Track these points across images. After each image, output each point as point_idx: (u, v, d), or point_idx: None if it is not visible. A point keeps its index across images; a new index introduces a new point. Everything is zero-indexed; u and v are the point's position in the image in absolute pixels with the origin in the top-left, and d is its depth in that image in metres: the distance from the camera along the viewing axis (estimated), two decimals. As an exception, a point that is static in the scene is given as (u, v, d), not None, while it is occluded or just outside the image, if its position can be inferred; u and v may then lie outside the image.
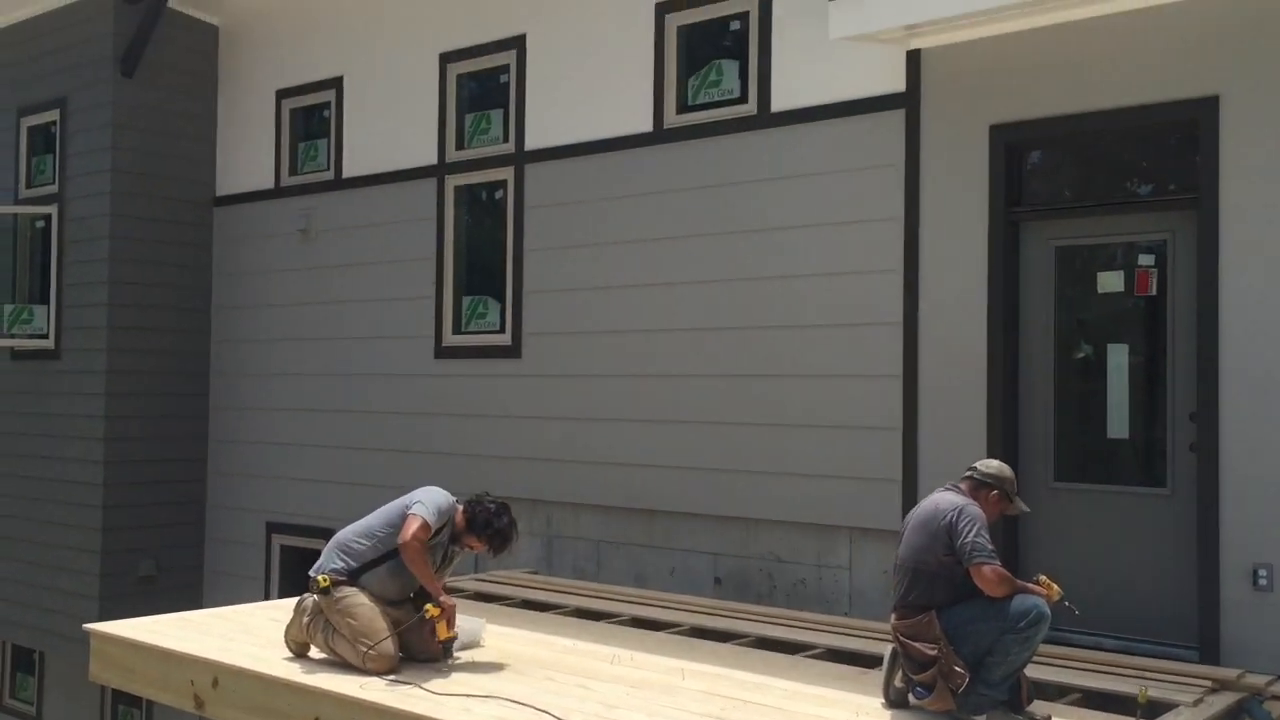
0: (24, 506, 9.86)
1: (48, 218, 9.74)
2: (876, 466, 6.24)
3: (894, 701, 4.28)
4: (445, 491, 5.02)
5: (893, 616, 4.23)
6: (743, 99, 6.94)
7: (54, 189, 9.80)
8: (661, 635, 5.60)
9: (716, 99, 7.08)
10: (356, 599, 4.81)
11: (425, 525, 4.79)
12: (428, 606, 4.77)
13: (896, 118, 6.27)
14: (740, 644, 5.45)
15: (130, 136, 9.42)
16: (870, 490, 6.25)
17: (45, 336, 9.68)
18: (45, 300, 9.72)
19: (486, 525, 4.90)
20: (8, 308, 9.99)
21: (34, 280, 9.99)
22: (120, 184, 9.35)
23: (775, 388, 6.66)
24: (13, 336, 9.91)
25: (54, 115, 9.82)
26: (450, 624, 4.80)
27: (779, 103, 6.74)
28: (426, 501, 4.89)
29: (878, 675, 4.39)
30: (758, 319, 6.74)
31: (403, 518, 4.85)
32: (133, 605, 8.70)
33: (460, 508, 4.99)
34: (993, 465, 4.37)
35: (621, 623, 5.89)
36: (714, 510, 6.87)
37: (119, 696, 10.38)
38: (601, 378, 7.45)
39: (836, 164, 6.49)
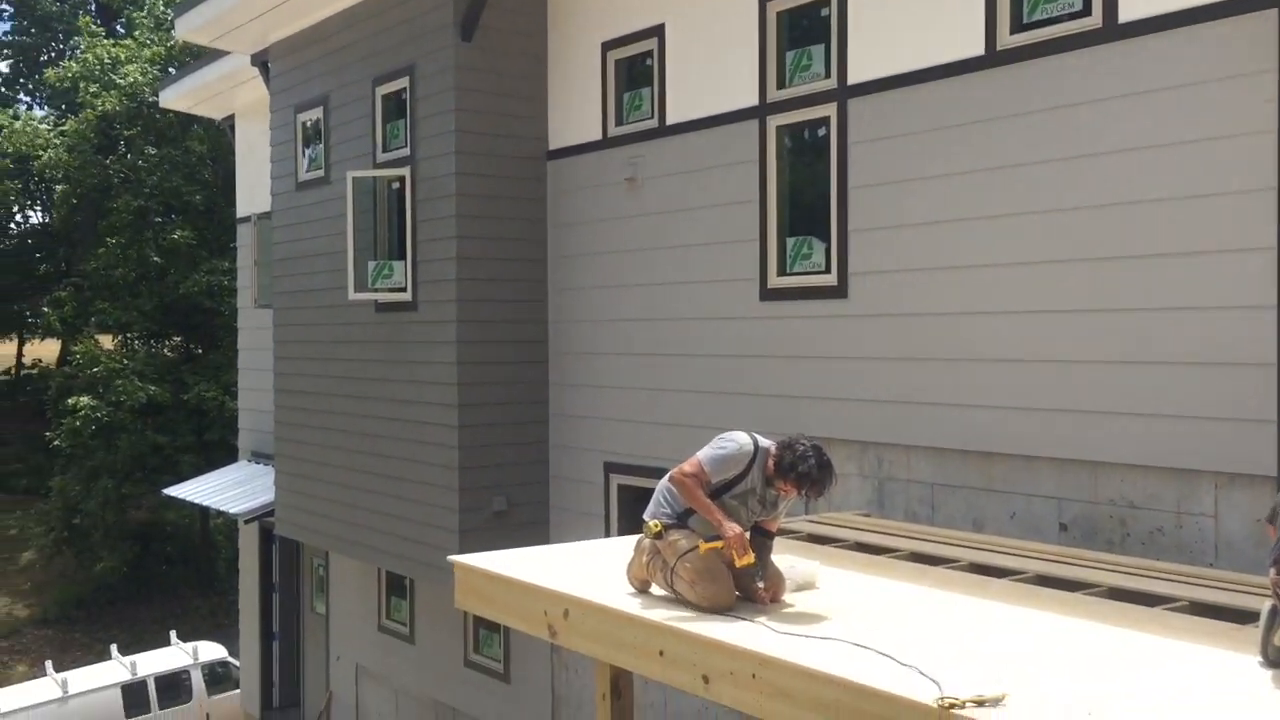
0: (390, 446, 10.79)
1: (402, 179, 10.52)
2: (1245, 406, 5.69)
3: (1273, 661, 3.91)
4: (747, 436, 4.97)
5: (1272, 571, 3.85)
6: (1085, 11, 6.44)
7: (406, 152, 10.56)
8: (1004, 582, 5.38)
9: (1054, 14, 6.61)
10: (687, 541, 4.92)
11: (698, 465, 4.88)
12: (700, 540, 4.81)
13: (1265, 19, 5.61)
14: (1091, 594, 5.15)
15: (471, 98, 9.98)
16: (1239, 432, 5.71)
17: (403, 290, 10.49)
18: (402, 256, 10.53)
19: (791, 469, 4.82)
20: (371, 264, 10.90)
21: (392, 237, 10.84)
22: (463, 144, 9.95)
23: (1126, 322, 6.20)
24: (376, 290, 10.81)
25: (404, 83, 10.56)
26: (740, 553, 4.77)
27: (1126, 13, 6.20)
28: (714, 446, 4.96)
29: (1253, 632, 4.03)
30: (1104, 249, 6.28)
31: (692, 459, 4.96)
32: (487, 538, 9.38)
33: (772, 450, 4.95)
34: None
35: (960, 568, 5.71)
36: (1058, 453, 6.51)
37: (480, 621, 11.25)
38: (933, 316, 7.21)
39: (1194, 75, 5.91)
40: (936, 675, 3.72)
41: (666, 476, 5.15)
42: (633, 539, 5.43)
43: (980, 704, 3.44)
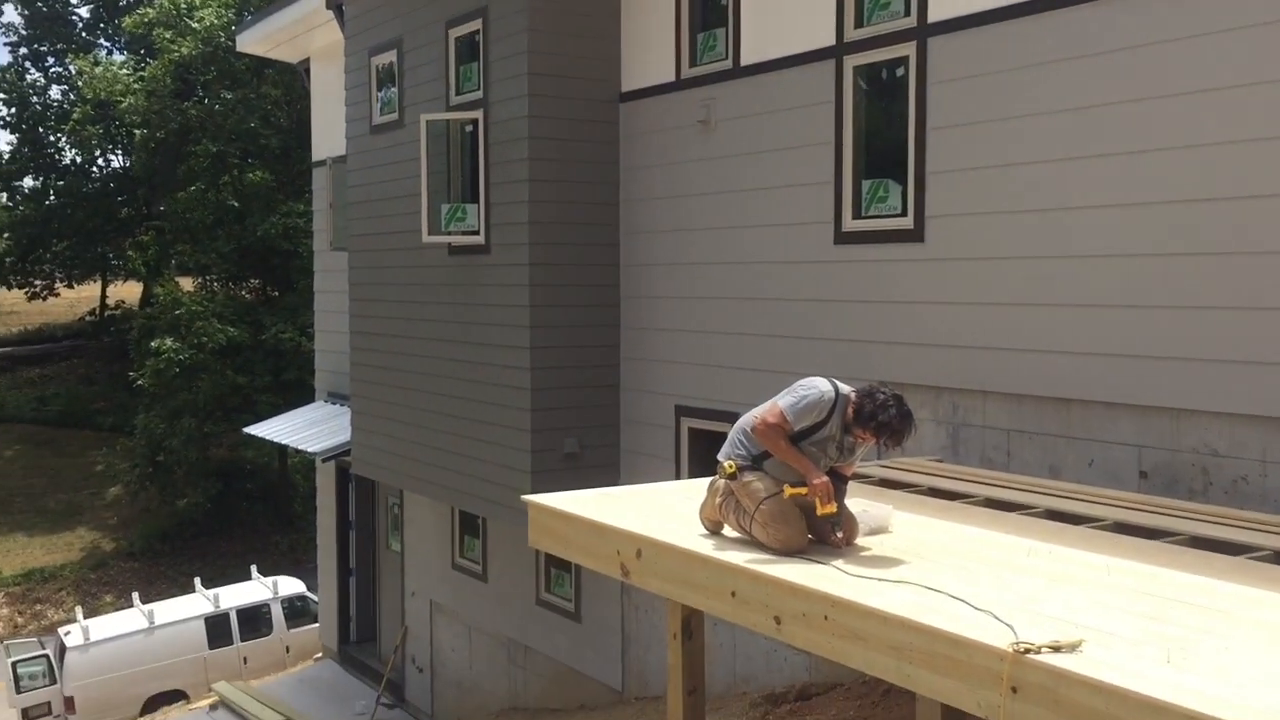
0: (464, 387, 10.92)
1: (475, 122, 10.53)
2: (1337, 353, 5.53)
3: (1361, 614, 3.83)
4: (828, 383, 4.96)
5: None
6: (1178, -56, 6.21)
7: (479, 95, 10.56)
8: (1081, 529, 5.31)
9: (1146, -53, 6.38)
10: (761, 483, 4.93)
11: (780, 413, 4.86)
12: (786, 485, 4.82)
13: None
14: (1172, 542, 5.07)
15: (544, 40, 9.94)
16: (1329, 380, 5.56)
17: (476, 233, 10.55)
18: (475, 199, 10.58)
19: (872, 418, 4.81)
20: (445, 207, 10.97)
21: (465, 180, 10.89)
22: (536, 86, 9.92)
23: (1211, 266, 6.04)
24: (449, 233, 10.89)
25: (476, 24, 10.53)
26: (824, 501, 4.78)
27: (1223, -56, 5.97)
28: (796, 393, 4.94)
29: (1340, 584, 3.95)
30: (1190, 191, 6.11)
31: (772, 406, 4.95)
32: (559, 480, 9.47)
33: (852, 398, 4.93)
34: None
35: (1036, 514, 5.65)
36: (1138, 399, 6.39)
37: (550, 560, 11.42)
38: (1012, 260, 7.08)
39: (1294, 9, 5.69)
40: (1010, 620, 3.70)
41: (742, 420, 5.16)
42: (704, 482, 5.46)
43: (1056, 649, 3.42)
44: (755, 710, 7.87)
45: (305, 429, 15.58)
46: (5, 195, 41.25)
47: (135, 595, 19.96)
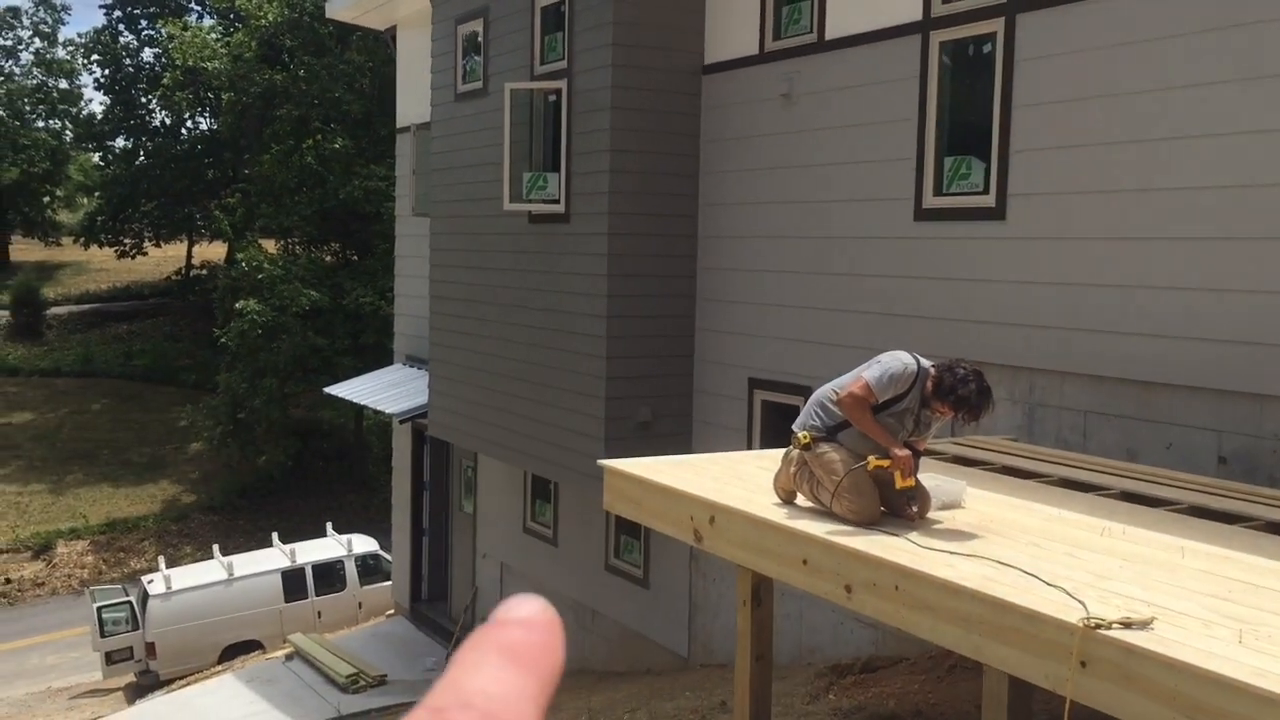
0: (541, 354, 11.08)
1: (558, 92, 10.63)
2: None
3: None
4: (910, 357, 5.01)
5: None
6: (1279, -79, 6.09)
7: (563, 65, 10.66)
8: (1157, 512, 5.31)
9: (1246, -76, 6.26)
10: (836, 454, 5.00)
11: (865, 385, 4.92)
12: (870, 458, 4.87)
13: None
14: (1248, 527, 5.05)
15: (629, 11, 9.99)
16: None
17: (556, 201, 10.67)
18: (556, 168, 10.69)
19: (951, 392, 4.85)
20: (526, 175, 11.10)
21: (547, 150, 11.01)
22: (620, 57, 9.99)
23: (1303, 252, 5.94)
24: (530, 201, 11.02)
25: (562, -5, 10.62)
26: (905, 474, 4.84)
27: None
28: (881, 365, 4.99)
29: None
30: (1275, 175, 6.02)
31: (856, 378, 4.98)
32: (631, 448, 9.59)
33: (932, 372, 4.97)
34: None
35: (1111, 496, 5.64)
36: (1220, 384, 6.33)
37: (620, 527, 11.57)
38: (1096, 240, 7.03)
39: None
40: (1082, 596, 3.74)
41: (819, 392, 5.22)
42: (778, 451, 5.53)
43: (1127, 625, 3.46)
44: (821, 680, 7.96)
45: (383, 391, 15.89)
46: (98, 155, 42.40)
47: (215, 547, 20.53)
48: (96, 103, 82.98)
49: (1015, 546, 4.55)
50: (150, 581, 18.48)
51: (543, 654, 0.45)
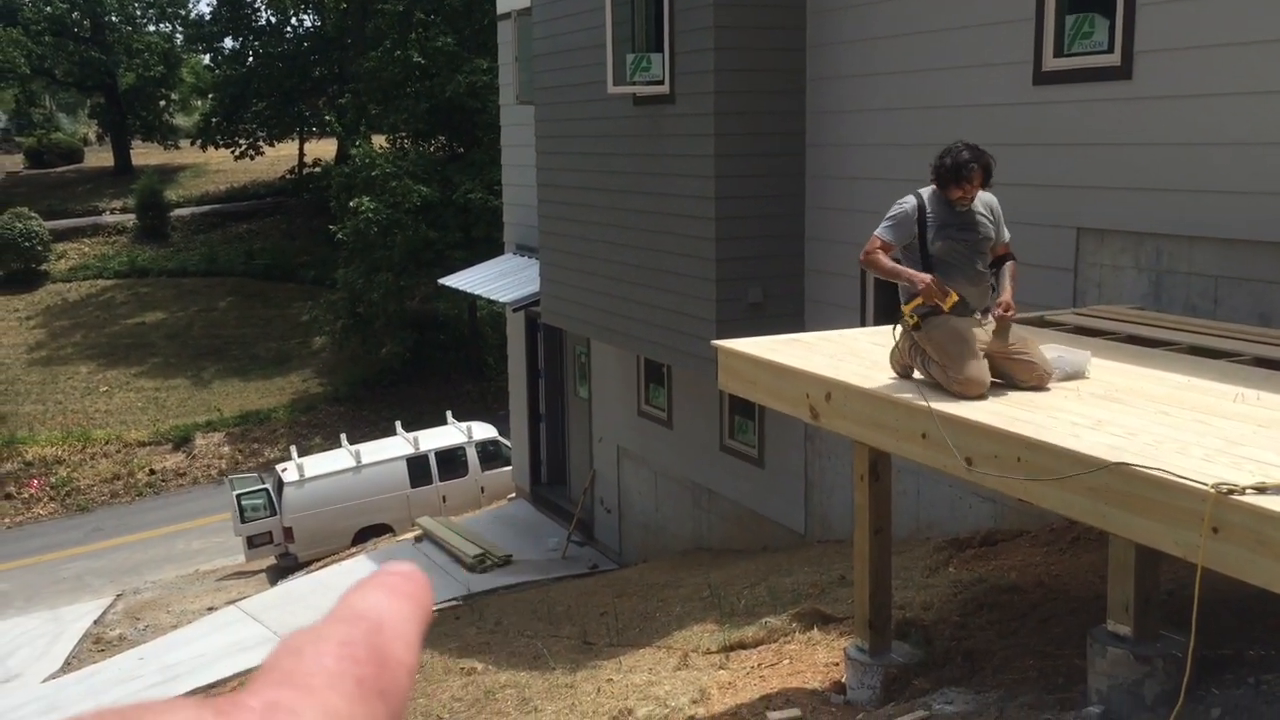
0: (649, 238, 11.06)
1: (659, -32, 10.39)
2: None
3: None
4: (908, 194, 5.21)
5: None
6: None
7: (663, -60, 10.39)
8: (1292, 377, 5.13)
9: None
10: (944, 328, 4.95)
11: (873, 239, 5.13)
12: (902, 308, 5.03)
13: None
14: (1391, 391, 4.85)
15: (729, -121, 9.66)
16: None
17: (661, 82, 10.52)
18: (660, 48, 10.51)
19: (938, 171, 5.08)
20: (630, 56, 10.94)
21: (650, 29, 10.81)
22: (722, -72, 9.69)
23: None
24: (634, 83, 10.88)
25: None
26: (941, 296, 4.91)
27: None
28: (884, 217, 5.20)
29: None
30: None
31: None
32: (743, 329, 9.55)
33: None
34: None
35: (1243, 362, 5.46)
36: (1364, 244, 6.03)
37: (735, 407, 11.64)
38: (1226, 96, 6.67)
39: None
40: (1214, 462, 3.66)
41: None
42: (890, 329, 5.48)
43: (1261, 490, 3.38)
44: (940, 554, 7.98)
45: (495, 280, 16.09)
46: (209, 57, 43.07)
47: (343, 436, 21.28)
48: (204, 3, 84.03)
49: (1142, 415, 4.45)
50: (284, 470, 19.29)
51: (418, 590, 0.57)
